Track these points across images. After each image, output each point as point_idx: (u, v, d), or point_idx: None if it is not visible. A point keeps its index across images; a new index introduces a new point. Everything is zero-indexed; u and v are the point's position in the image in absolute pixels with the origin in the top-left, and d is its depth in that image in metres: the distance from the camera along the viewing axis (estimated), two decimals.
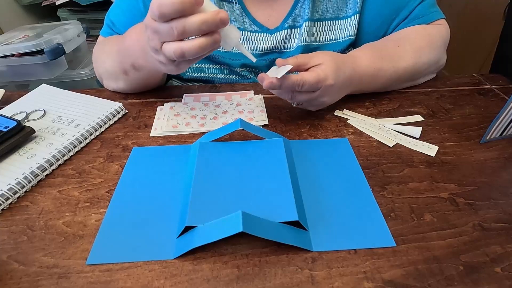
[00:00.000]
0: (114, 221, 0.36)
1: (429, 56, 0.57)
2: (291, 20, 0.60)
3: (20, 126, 0.45)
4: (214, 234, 0.32)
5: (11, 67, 0.96)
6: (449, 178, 0.41)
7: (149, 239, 0.34)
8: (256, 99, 0.56)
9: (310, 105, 0.51)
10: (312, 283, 0.30)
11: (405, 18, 0.60)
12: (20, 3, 1.40)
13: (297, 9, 0.59)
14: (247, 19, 0.60)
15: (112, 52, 0.56)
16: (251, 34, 0.60)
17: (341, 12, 0.60)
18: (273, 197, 0.36)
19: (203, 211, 0.34)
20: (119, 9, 0.62)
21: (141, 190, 0.40)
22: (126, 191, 0.40)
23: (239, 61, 0.61)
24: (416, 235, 0.34)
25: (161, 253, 0.33)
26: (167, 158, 0.44)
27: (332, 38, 0.61)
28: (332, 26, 0.61)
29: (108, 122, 0.51)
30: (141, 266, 0.32)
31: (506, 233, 0.34)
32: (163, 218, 0.36)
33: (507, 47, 1.01)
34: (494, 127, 0.45)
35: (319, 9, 0.59)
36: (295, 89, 0.45)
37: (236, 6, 0.59)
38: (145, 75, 0.54)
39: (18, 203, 0.38)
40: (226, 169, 0.40)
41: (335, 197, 0.39)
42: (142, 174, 0.42)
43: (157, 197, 0.39)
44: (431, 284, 0.30)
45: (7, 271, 0.31)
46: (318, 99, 0.48)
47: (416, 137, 0.48)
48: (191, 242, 0.32)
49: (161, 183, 0.40)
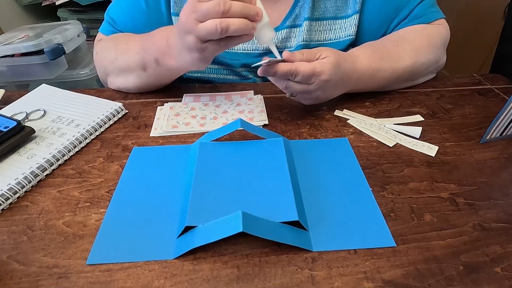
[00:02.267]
0: (114, 221, 0.36)
1: (428, 56, 0.57)
2: (291, 19, 0.60)
3: (20, 126, 0.45)
4: (214, 234, 0.32)
5: (11, 67, 0.96)
6: (449, 178, 0.41)
7: (149, 239, 0.34)
8: (256, 99, 0.56)
9: (304, 98, 0.51)
10: (312, 283, 0.30)
11: (405, 17, 0.60)
12: (20, 3, 1.40)
13: (298, 8, 0.59)
14: None
15: (128, 48, 0.56)
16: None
17: (341, 11, 0.60)
18: (273, 197, 0.36)
19: (203, 211, 0.34)
20: (119, 7, 0.62)
21: (141, 190, 0.40)
22: (126, 191, 0.40)
23: (240, 61, 0.61)
24: (416, 235, 0.34)
25: (161, 253, 0.33)
26: (167, 158, 0.44)
27: (331, 38, 0.61)
28: (331, 26, 0.61)
29: (108, 122, 0.51)
30: (141, 266, 0.32)
31: (506, 233, 0.34)
32: (163, 218, 0.36)
33: (507, 47, 1.01)
34: (494, 127, 0.45)
35: (319, 9, 0.59)
36: (289, 78, 0.46)
37: None
38: (163, 72, 0.54)
39: (18, 203, 0.38)
40: (226, 169, 0.40)
41: (335, 197, 0.39)
42: (142, 174, 0.42)
43: (157, 197, 0.39)
44: (431, 284, 0.30)
45: (7, 271, 0.31)
46: (313, 93, 0.48)
47: (416, 137, 0.48)
48: (191, 242, 0.32)
49: (161, 183, 0.40)
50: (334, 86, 0.49)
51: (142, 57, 0.53)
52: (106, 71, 0.60)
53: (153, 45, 0.51)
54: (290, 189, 0.37)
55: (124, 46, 0.57)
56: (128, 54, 0.55)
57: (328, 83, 0.47)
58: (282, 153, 0.42)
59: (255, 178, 0.39)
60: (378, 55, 0.54)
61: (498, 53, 1.06)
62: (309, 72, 0.45)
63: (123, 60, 0.56)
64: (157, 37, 0.51)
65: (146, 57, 0.52)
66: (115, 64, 0.57)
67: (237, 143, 0.45)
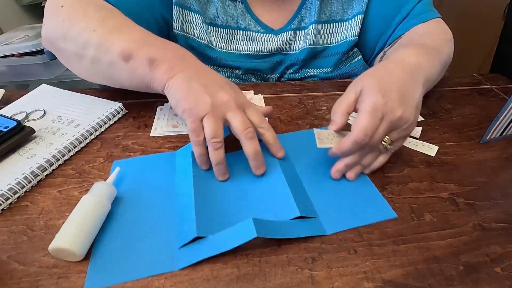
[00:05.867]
0: (108, 239, 0.34)
1: (450, 46, 0.54)
2: (297, 21, 0.60)
3: (20, 126, 0.45)
4: (228, 243, 0.32)
5: (11, 67, 0.96)
6: (449, 178, 0.41)
7: (148, 252, 0.33)
8: (256, 99, 0.56)
9: (401, 136, 0.40)
10: (312, 283, 0.30)
11: (406, 15, 0.59)
12: (20, 3, 1.40)
13: (304, 10, 0.59)
14: (250, 18, 0.60)
15: (122, 30, 0.44)
16: (256, 35, 0.60)
17: (347, 13, 0.60)
18: (273, 199, 0.37)
19: (210, 221, 0.34)
20: None
21: (132, 205, 0.38)
22: (115, 207, 0.37)
23: (244, 63, 0.61)
24: (416, 235, 0.34)
25: (165, 265, 0.31)
26: (153, 168, 0.42)
27: (338, 40, 0.61)
28: (338, 28, 0.60)
29: (108, 122, 0.51)
30: None
31: (506, 233, 0.35)
32: (159, 230, 0.35)
33: (507, 47, 1.01)
34: (494, 127, 0.45)
35: (326, 11, 0.59)
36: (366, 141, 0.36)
37: (239, 5, 0.59)
38: (126, 73, 0.44)
39: (18, 203, 0.38)
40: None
41: (335, 182, 0.40)
42: (129, 188, 0.40)
43: (148, 210, 0.37)
44: (431, 284, 0.30)
45: (7, 271, 0.31)
46: (397, 121, 0.37)
47: (416, 137, 0.48)
48: (201, 252, 0.32)
49: (151, 195, 0.39)
50: (400, 92, 0.38)
51: (118, 39, 0.43)
52: (58, 33, 0.46)
53: (143, 38, 0.44)
54: (287, 187, 0.37)
55: (115, 23, 0.45)
56: (99, 30, 0.44)
57: (391, 99, 0.37)
58: (271, 155, 0.42)
59: (251, 183, 0.39)
60: (419, 49, 0.47)
61: (498, 53, 1.06)
62: (371, 111, 0.36)
63: (89, 36, 0.44)
64: (172, 45, 0.45)
65: (140, 52, 0.42)
66: (74, 32, 0.45)
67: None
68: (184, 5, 0.56)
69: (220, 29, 0.59)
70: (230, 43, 0.60)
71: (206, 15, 0.58)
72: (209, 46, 0.59)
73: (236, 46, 0.61)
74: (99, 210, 0.34)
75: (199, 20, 0.57)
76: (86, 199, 0.35)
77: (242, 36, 0.60)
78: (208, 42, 0.59)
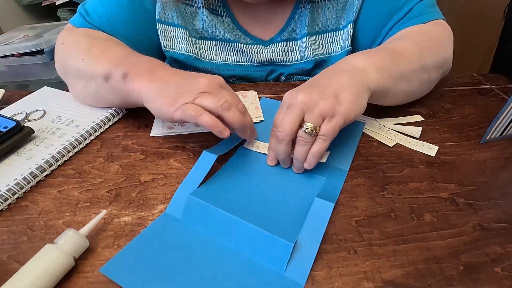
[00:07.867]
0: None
1: (443, 50, 0.53)
2: (287, 32, 0.59)
3: (20, 126, 0.45)
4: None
5: (11, 67, 0.96)
6: (449, 178, 0.41)
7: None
8: (250, 96, 0.56)
9: (332, 130, 0.38)
10: (312, 283, 0.30)
11: (398, 20, 0.56)
12: (20, 3, 1.40)
13: (294, 21, 0.58)
14: (239, 32, 0.60)
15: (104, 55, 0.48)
16: (245, 46, 0.60)
17: (341, 22, 0.59)
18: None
19: (279, 226, 0.34)
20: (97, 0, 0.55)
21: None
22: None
23: (236, 71, 0.61)
24: (416, 235, 0.34)
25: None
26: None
27: (334, 50, 0.60)
28: (333, 38, 0.60)
29: (108, 123, 0.51)
30: None
31: (506, 233, 0.34)
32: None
33: (507, 47, 1.01)
34: (494, 127, 0.45)
35: (319, 22, 0.58)
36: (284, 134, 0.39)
37: (226, 19, 0.59)
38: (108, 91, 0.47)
39: (18, 203, 0.38)
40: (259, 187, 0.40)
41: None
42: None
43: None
44: (431, 284, 0.30)
45: (7, 271, 0.31)
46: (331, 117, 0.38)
47: (416, 137, 0.48)
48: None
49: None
50: (330, 85, 0.40)
51: (113, 66, 0.46)
52: (74, 68, 0.50)
53: (136, 60, 0.46)
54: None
55: (98, 49, 0.49)
56: (98, 60, 0.47)
57: (312, 92, 0.39)
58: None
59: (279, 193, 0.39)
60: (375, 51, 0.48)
61: (498, 53, 1.06)
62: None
63: (93, 64, 0.48)
64: (146, 59, 0.46)
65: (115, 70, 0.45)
66: (79, 64, 0.49)
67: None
68: (167, 21, 0.56)
69: (209, 41, 0.60)
70: (220, 54, 0.61)
71: (193, 29, 0.58)
72: (198, 59, 0.59)
73: (226, 57, 0.61)
74: (57, 267, 0.30)
75: (185, 34, 0.57)
76: (47, 252, 0.30)
77: (231, 48, 0.60)
78: (197, 54, 0.59)
